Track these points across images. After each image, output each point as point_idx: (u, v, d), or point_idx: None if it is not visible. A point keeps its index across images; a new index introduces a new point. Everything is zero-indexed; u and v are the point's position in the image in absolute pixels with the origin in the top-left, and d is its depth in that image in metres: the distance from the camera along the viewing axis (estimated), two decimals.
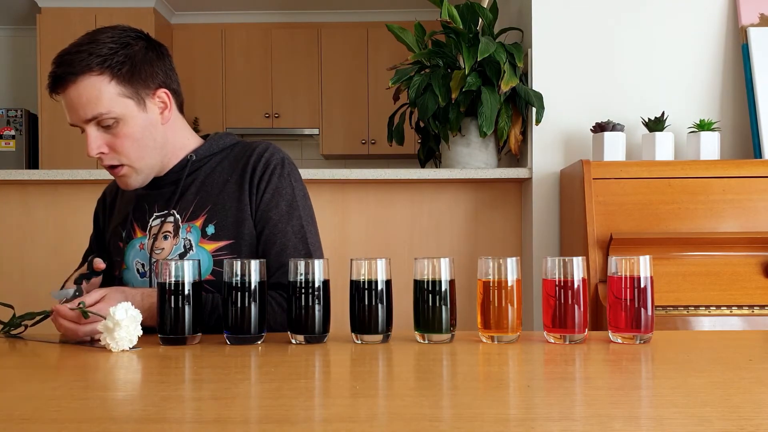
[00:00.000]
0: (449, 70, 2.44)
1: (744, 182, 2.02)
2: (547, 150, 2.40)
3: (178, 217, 1.38)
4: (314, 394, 0.84)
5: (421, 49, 2.52)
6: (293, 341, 1.13)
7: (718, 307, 1.86)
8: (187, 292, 1.12)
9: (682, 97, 2.39)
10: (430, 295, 1.11)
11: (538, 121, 2.36)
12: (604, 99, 2.39)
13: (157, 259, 1.36)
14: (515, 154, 2.45)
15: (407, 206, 2.55)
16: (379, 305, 1.11)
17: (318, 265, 1.12)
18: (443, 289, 1.11)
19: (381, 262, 1.12)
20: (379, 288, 1.11)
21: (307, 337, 1.12)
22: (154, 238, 1.38)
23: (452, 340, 1.13)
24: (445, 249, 2.52)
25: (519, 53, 2.33)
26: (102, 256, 1.44)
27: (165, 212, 1.39)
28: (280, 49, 5.36)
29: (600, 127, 2.24)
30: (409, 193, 2.56)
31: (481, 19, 2.48)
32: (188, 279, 1.12)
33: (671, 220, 2.01)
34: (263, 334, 1.14)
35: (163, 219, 1.39)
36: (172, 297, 1.11)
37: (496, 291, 1.11)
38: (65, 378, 0.94)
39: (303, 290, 1.11)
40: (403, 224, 2.55)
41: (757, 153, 2.23)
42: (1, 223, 2.53)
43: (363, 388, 0.85)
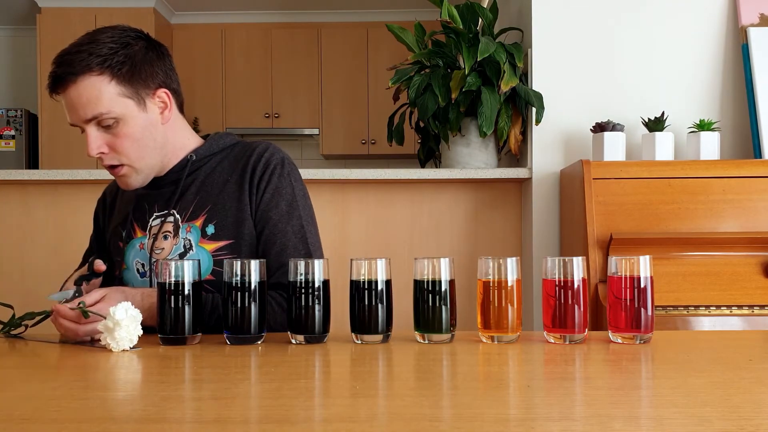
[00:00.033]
0: (449, 70, 2.44)
1: (744, 182, 2.02)
2: (547, 150, 2.40)
3: (178, 217, 1.38)
4: (314, 394, 0.84)
5: (421, 49, 2.52)
6: (293, 341, 1.13)
7: (718, 307, 1.86)
8: (187, 292, 1.12)
9: (682, 97, 2.39)
10: (430, 295, 1.11)
11: (538, 121, 2.36)
12: (604, 99, 2.39)
13: (157, 258, 1.36)
14: (515, 154, 2.45)
15: (407, 206, 2.55)
16: (379, 305, 1.11)
17: (318, 265, 1.12)
18: (443, 289, 1.11)
19: (381, 262, 1.12)
20: (379, 288, 1.11)
21: (307, 337, 1.12)
22: (154, 238, 1.38)
23: (452, 340, 1.13)
24: (445, 249, 2.52)
25: (519, 53, 2.33)
26: (102, 256, 1.44)
27: (165, 212, 1.40)
28: (280, 49, 5.36)
29: (600, 127, 2.24)
30: (409, 193, 2.56)
31: (481, 19, 2.48)
32: (188, 279, 1.12)
33: (671, 220, 2.01)
34: (263, 334, 1.14)
35: (163, 219, 1.39)
36: (172, 297, 1.12)
37: (496, 291, 1.11)
38: (65, 378, 0.94)
39: (303, 290, 1.11)
40: (403, 224, 2.55)
41: (757, 153, 2.23)
42: (1, 223, 2.53)
43: (363, 388, 0.85)
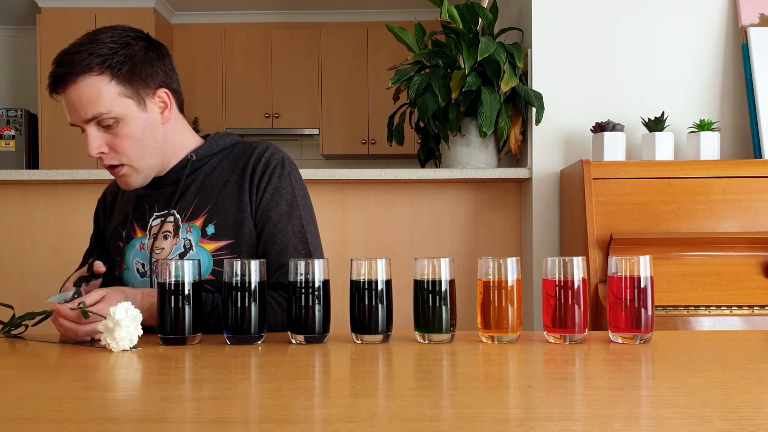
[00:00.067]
0: (449, 70, 2.44)
1: (744, 182, 2.02)
2: (547, 150, 2.40)
3: (178, 217, 1.38)
4: (314, 394, 0.84)
5: (421, 49, 2.52)
6: (293, 341, 1.13)
7: (718, 307, 1.86)
8: (187, 292, 1.12)
9: (682, 97, 2.39)
10: (430, 295, 1.11)
11: (538, 121, 2.36)
12: (604, 99, 2.39)
13: (157, 258, 1.36)
14: (515, 154, 2.45)
15: (407, 206, 2.55)
16: (379, 305, 1.11)
17: (318, 265, 1.12)
18: (443, 289, 1.11)
19: (381, 262, 1.12)
20: (379, 288, 1.11)
21: (307, 337, 1.12)
22: (154, 238, 1.38)
23: (452, 340, 1.13)
24: (445, 249, 2.52)
25: (519, 53, 2.33)
26: (102, 257, 1.44)
27: (165, 212, 1.40)
28: (280, 49, 5.36)
29: (600, 127, 2.24)
30: (409, 193, 2.56)
31: (481, 19, 2.48)
32: (188, 279, 1.12)
33: (671, 220, 2.01)
34: (263, 334, 1.14)
35: (163, 219, 1.39)
36: (172, 297, 1.12)
37: (496, 291, 1.11)
38: (65, 378, 0.94)
39: (303, 290, 1.11)
40: (403, 224, 2.55)
41: (757, 153, 2.23)
42: (1, 223, 2.53)
43: (363, 388, 0.85)
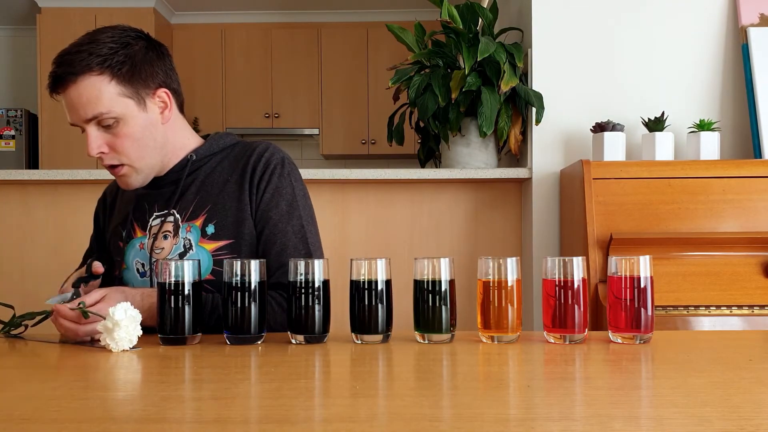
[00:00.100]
0: (449, 70, 2.44)
1: (744, 182, 2.02)
2: (547, 150, 2.40)
3: (178, 217, 1.38)
4: (314, 394, 0.84)
5: (421, 49, 2.52)
6: (293, 341, 1.13)
7: (718, 307, 1.86)
8: (187, 292, 1.12)
9: (682, 97, 2.39)
10: (430, 295, 1.11)
11: (538, 121, 2.36)
12: (604, 99, 2.39)
13: (157, 258, 1.36)
14: (515, 154, 2.45)
15: (407, 206, 2.55)
16: (379, 305, 1.11)
17: (318, 265, 1.12)
18: (443, 289, 1.11)
19: (381, 262, 1.12)
20: (379, 288, 1.11)
21: (307, 337, 1.12)
22: (154, 238, 1.38)
23: (452, 340, 1.13)
24: (445, 249, 2.52)
25: (519, 53, 2.33)
26: (102, 257, 1.44)
27: (165, 212, 1.39)
28: (280, 49, 5.36)
29: (600, 127, 2.24)
30: (409, 193, 2.56)
31: (481, 19, 2.48)
32: (188, 279, 1.12)
33: (671, 220, 2.01)
34: (263, 334, 1.14)
35: (163, 219, 1.39)
36: (172, 297, 1.11)
37: (496, 291, 1.11)
38: (65, 378, 0.94)
39: (303, 290, 1.11)
40: (403, 224, 2.55)
41: (757, 153, 2.23)
42: (1, 223, 2.53)
43: (363, 388, 0.85)
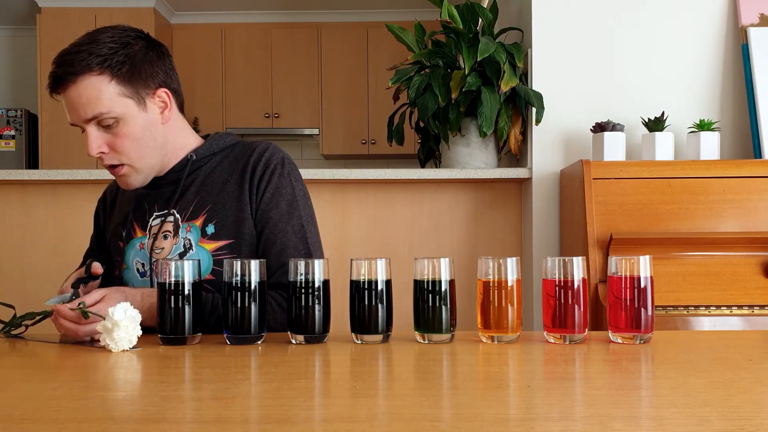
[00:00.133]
0: (449, 70, 2.44)
1: (744, 182, 2.02)
2: (547, 150, 2.40)
3: (178, 217, 1.38)
4: (314, 394, 0.84)
5: (421, 49, 2.52)
6: (293, 341, 1.13)
7: (718, 307, 1.86)
8: (187, 292, 1.12)
9: (682, 97, 2.39)
10: (430, 295, 1.11)
11: (538, 121, 2.36)
12: (604, 99, 2.39)
13: (157, 258, 1.36)
14: (515, 154, 2.45)
15: (407, 206, 2.55)
16: (379, 305, 1.11)
17: (318, 265, 1.12)
18: (443, 289, 1.11)
19: (381, 262, 1.12)
20: (379, 288, 1.11)
21: (307, 337, 1.12)
22: (154, 238, 1.38)
23: (452, 340, 1.13)
24: (445, 249, 2.52)
25: (519, 53, 2.33)
26: (102, 257, 1.44)
27: (165, 212, 1.39)
28: (280, 49, 5.36)
29: (600, 127, 2.24)
30: (409, 193, 2.56)
31: (481, 19, 2.48)
32: (188, 279, 1.12)
33: (671, 220, 2.01)
34: (263, 334, 1.14)
35: (163, 218, 1.39)
36: (172, 297, 1.11)
37: (496, 291, 1.11)
38: (65, 378, 0.94)
39: (303, 290, 1.11)
40: (403, 224, 2.55)
41: (757, 153, 2.23)
42: (1, 223, 2.53)
43: (363, 388, 0.85)
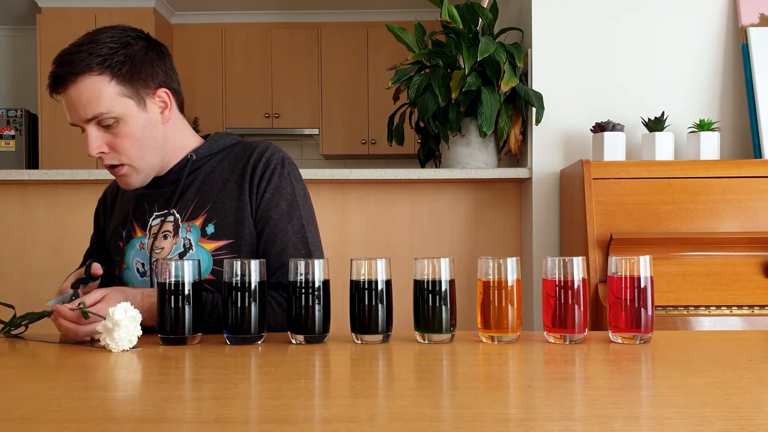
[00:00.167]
0: (449, 70, 2.44)
1: (744, 182, 2.02)
2: (547, 150, 2.40)
3: (178, 217, 1.38)
4: (314, 394, 0.84)
5: (421, 49, 2.52)
6: (293, 341, 1.13)
7: (718, 307, 1.86)
8: (187, 292, 1.12)
9: (682, 97, 2.39)
10: (430, 295, 1.11)
11: (538, 121, 2.36)
12: (604, 99, 2.39)
13: (157, 258, 1.36)
14: (515, 154, 2.45)
15: (407, 206, 2.55)
16: (379, 305, 1.11)
17: (318, 265, 1.12)
18: (443, 289, 1.11)
19: (381, 262, 1.12)
20: (379, 288, 1.11)
21: (307, 337, 1.12)
22: (154, 238, 1.38)
23: (452, 340, 1.13)
24: (445, 249, 2.52)
25: (519, 53, 2.33)
26: (101, 257, 1.44)
27: (165, 212, 1.39)
28: (280, 49, 5.36)
29: (600, 127, 2.24)
30: (409, 193, 2.55)
31: (481, 19, 2.48)
32: (188, 279, 1.12)
33: (671, 220, 2.01)
34: (263, 334, 1.14)
35: (163, 218, 1.39)
36: (172, 297, 1.11)
37: (496, 291, 1.11)
38: (65, 378, 0.94)
39: (303, 290, 1.11)
40: (403, 224, 2.55)
41: (757, 153, 2.23)
42: (1, 223, 2.53)
43: (363, 388, 0.85)
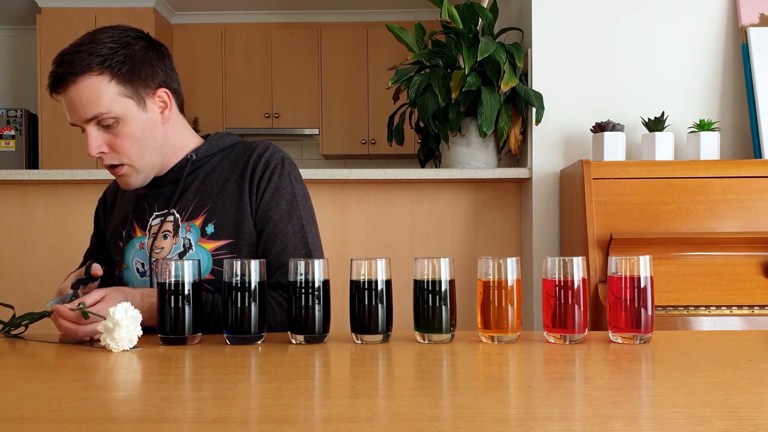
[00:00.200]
0: (449, 70, 2.44)
1: (744, 182, 2.02)
2: (547, 150, 2.40)
3: (178, 217, 1.38)
4: (314, 394, 0.84)
5: (421, 49, 2.52)
6: (293, 341, 1.13)
7: (718, 307, 1.86)
8: (187, 292, 1.12)
9: (682, 97, 2.39)
10: (430, 295, 1.11)
11: (538, 121, 2.36)
12: (604, 99, 2.39)
13: (157, 258, 1.36)
14: (515, 154, 2.45)
15: (407, 206, 2.55)
16: (379, 305, 1.11)
17: (318, 265, 1.12)
18: (443, 289, 1.11)
19: (381, 262, 1.12)
20: (379, 288, 1.11)
21: (307, 337, 1.12)
22: (154, 238, 1.38)
23: (452, 340, 1.13)
24: (445, 249, 2.52)
25: (519, 53, 2.33)
26: (101, 257, 1.44)
27: (165, 211, 1.39)
28: (280, 49, 5.36)
29: (600, 127, 2.24)
30: (409, 193, 2.55)
31: (481, 19, 2.48)
32: (188, 279, 1.12)
33: (671, 220, 2.01)
34: (263, 334, 1.14)
35: (163, 218, 1.39)
36: (172, 297, 1.11)
37: (496, 291, 1.11)
38: (65, 378, 0.94)
39: (303, 290, 1.11)
40: (403, 224, 2.55)
41: (757, 153, 2.23)
42: (1, 223, 2.53)
43: (363, 388, 0.85)
